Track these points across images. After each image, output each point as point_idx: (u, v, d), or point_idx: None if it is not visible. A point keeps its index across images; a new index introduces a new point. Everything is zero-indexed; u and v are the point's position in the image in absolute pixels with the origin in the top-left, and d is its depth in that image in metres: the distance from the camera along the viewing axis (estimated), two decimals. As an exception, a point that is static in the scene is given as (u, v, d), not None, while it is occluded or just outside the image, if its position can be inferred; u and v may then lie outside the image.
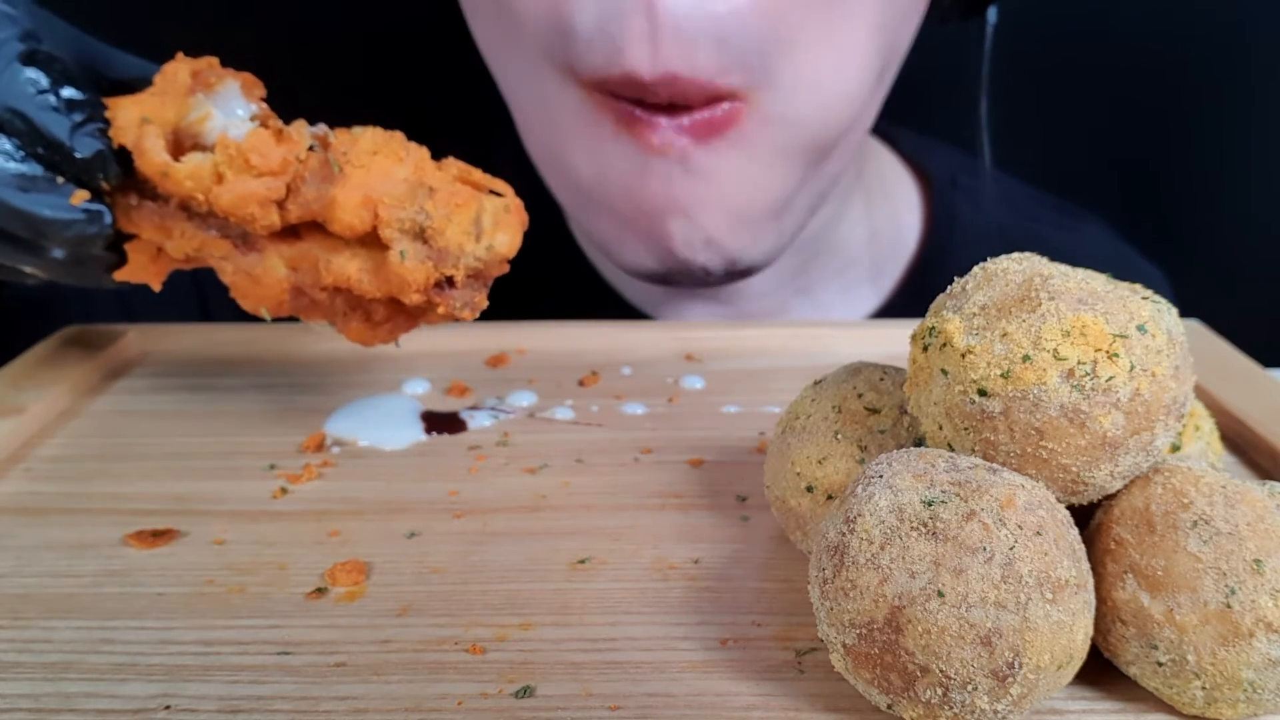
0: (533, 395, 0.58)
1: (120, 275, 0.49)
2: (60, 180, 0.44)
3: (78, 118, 0.44)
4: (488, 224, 0.46)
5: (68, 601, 0.40)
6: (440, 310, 0.46)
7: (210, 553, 0.43)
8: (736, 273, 0.66)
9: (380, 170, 0.45)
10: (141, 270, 0.49)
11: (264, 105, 0.47)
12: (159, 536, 0.44)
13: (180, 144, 0.45)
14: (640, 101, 0.58)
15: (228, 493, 0.48)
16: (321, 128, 0.47)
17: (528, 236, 0.49)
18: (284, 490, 0.48)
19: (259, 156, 0.44)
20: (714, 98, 0.57)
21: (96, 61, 0.48)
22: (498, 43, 0.64)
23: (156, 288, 0.50)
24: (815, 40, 0.57)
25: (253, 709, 0.34)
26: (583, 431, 0.54)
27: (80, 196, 0.45)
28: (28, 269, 0.47)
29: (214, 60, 0.47)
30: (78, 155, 0.44)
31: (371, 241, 0.46)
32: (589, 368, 0.61)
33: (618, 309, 0.77)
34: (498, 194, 0.48)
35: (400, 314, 0.48)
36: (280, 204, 0.45)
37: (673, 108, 0.58)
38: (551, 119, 0.63)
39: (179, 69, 0.46)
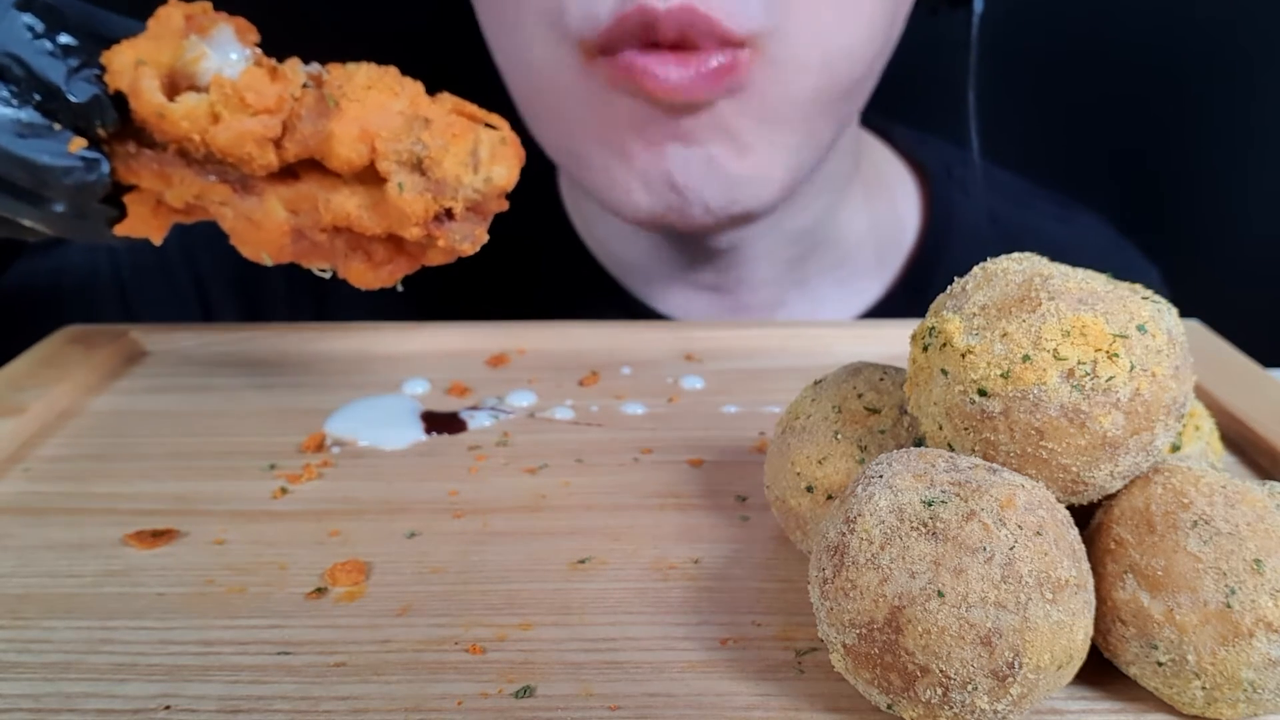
0: (533, 395, 0.58)
1: (121, 229, 0.49)
2: (58, 128, 0.44)
3: (74, 63, 0.44)
4: (485, 155, 0.46)
5: (68, 601, 0.40)
6: (440, 244, 0.46)
7: (210, 553, 0.43)
8: (736, 215, 0.65)
9: (376, 104, 0.45)
10: (142, 224, 0.49)
11: (258, 50, 0.47)
12: (159, 536, 0.44)
13: (175, 86, 0.45)
14: (649, 46, 0.59)
15: (228, 493, 0.48)
16: (315, 66, 0.47)
17: (524, 226, 0.49)
18: (284, 490, 0.48)
19: (254, 95, 0.44)
20: (724, 42, 0.58)
21: (93, 20, 0.48)
22: (501, 14, 0.65)
23: (157, 241, 0.50)
24: None
25: (253, 709, 0.34)
26: (583, 431, 0.54)
27: (78, 144, 0.45)
28: (27, 222, 0.47)
29: (207, 4, 0.47)
30: (73, 99, 0.44)
31: (370, 178, 0.46)
32: (589, 368, 0.61)
33: (615, 296, 0.77)
34: (493, 127, 0.48)
35: (401, 254, 0.48)
36: (277, 142, 0.45)
37: (682, 50, 0.59)
38: (549, 85, 0.64)
39: (172, 12, 0.46)
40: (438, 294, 0.60)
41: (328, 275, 0.50)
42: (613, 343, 0.64)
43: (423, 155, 0.45)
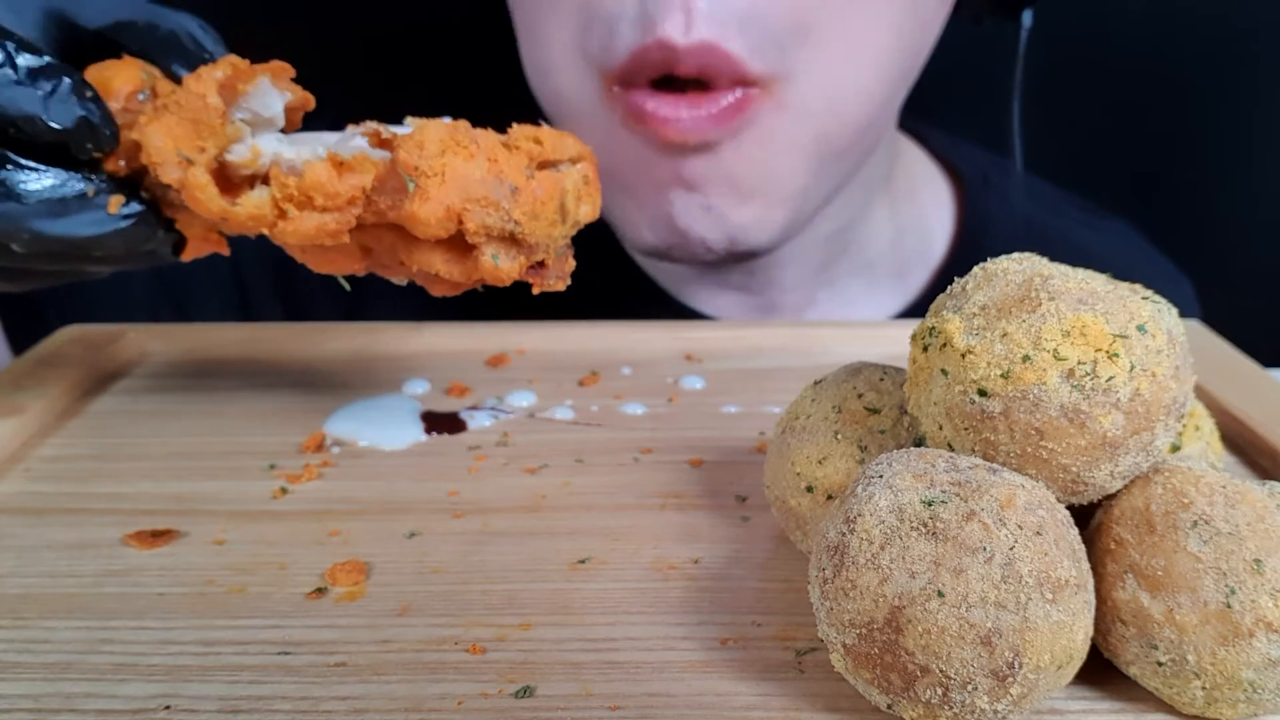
0: (533, 395, 0.58)
1: (187, 255, 0.47)
2: (91, 193, 0.41)
3: (46, 86, 0.40)
4: (571, 204, 0.45)
5: (68, 601, 0.40)
6: (534, 289, 0.46)
7: (210, 553, 0.43)
8: (738, 253, 0.66)
9: (455, 174, 0.42)
10: (204, 244, 0.47)
11: (296, 88, 0.45)
12: (159, 536, 0.44)
13: (225, 171, 0.43)
14: (665, 84, 0.59)
15: (228, 493, 0.48)
16: (373, 127, 0.43)
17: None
18: (284, 490, 0.48)
19: (323, 196, 0.42)
20: (739, 81, 0.59)
21: (66, 10, 0.44)
22: (534, 32, 0.66)
23: (226, 253, 0.48)
24: (837, 35, 0.60)
25: (253, 709, 0.34)
26: (583, 431, 0.54)
27: (116, 203, 0.42)
28: (91, 269, 0.45)
29: (235, 60, 0.44)
30: (56, 126, 0.40)
31: (454, 236, 0.43)
32: (589, 368, 0.61)
33: (653, 295, 0.78)
34: (573, 161, 0.46)
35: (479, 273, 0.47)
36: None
37: (698, 89, 0.59)
38: (571, 112, 0.65)
39: (205, 90, 0.42)
40: (474, 293, 0.60)
41: (404, 284, 0.48)
42: (613, 343, 0.64)
43: (515, 231, 0.43)
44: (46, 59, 0.40)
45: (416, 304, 0.73)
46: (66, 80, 0.41)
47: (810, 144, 0.63)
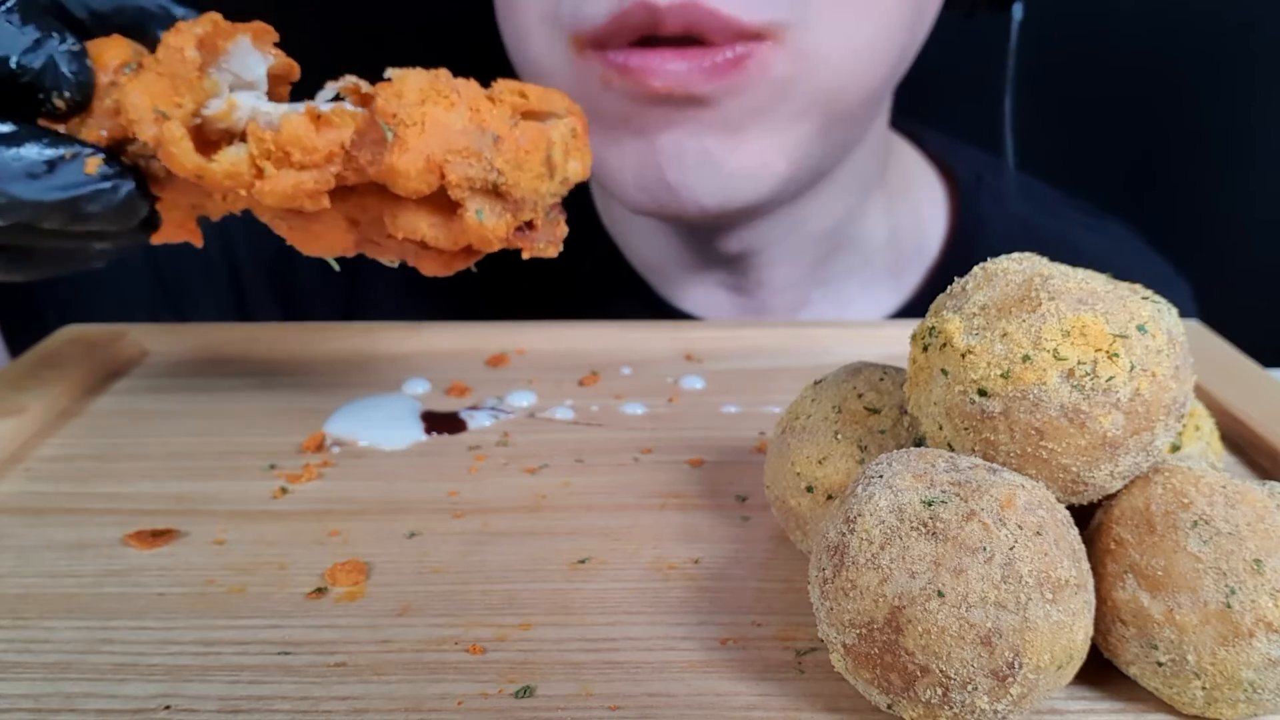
0: (533, 395, 0.58)
1: (158, 238, 0.46)
2: (69, 155, 0.40)
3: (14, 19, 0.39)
4: (558, 157, 0.43)
5: (68, 601, 0.40)
6: (524, 253, 0.44)
7: (210, 553, 0.43)
8: (732, 211, 0.63)
9: (436, 124, 0.41)
10: (180, 229, 0.46)
11: (280, 53, 0.44)
12: (159, 536, 0.44)
13: (203, 131, 0.42)
14: (650, 42, 0.56)
15: (228, 493, 0.48)
16: (351, 79, 0.42)
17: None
18: (284, 490, 0.48)
19: (300, 151, 0.40)
20: (739, 34, 0.56)
21: None
22: (508, 3, 0.64)
23: (199, 243, 0.47)
24: None
25: (253, 709, 0.34)
26: (583, 431, 0.54)
27: (94, 163, 0.41)
28: (79, 246, 0.44)
29: (216, 17, 0.42)
30: (16, 63, 0.39)
31: (439, 196, 0.42)
32: (589, 368, 0.61)
33: (643, 295, 0.77)
34: (558, 114, 0.44)
35: (473, 251, 0.46)
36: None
37: (688, 45, 0.56)
38: (546, 79, 0.62)
39: (183, 42, 0.41)
40: (468, 289, 0.58)
41: (395, 265, 0.47)
42: (613, 343, 0.64)
43: (498, 181, 0.42)
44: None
45: (416, 304, 0.74)
46: (32, 21, 0.40)
47: (822, 97, 0.60)
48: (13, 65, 0.40)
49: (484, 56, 0.73)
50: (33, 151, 0.40)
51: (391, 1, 0.85)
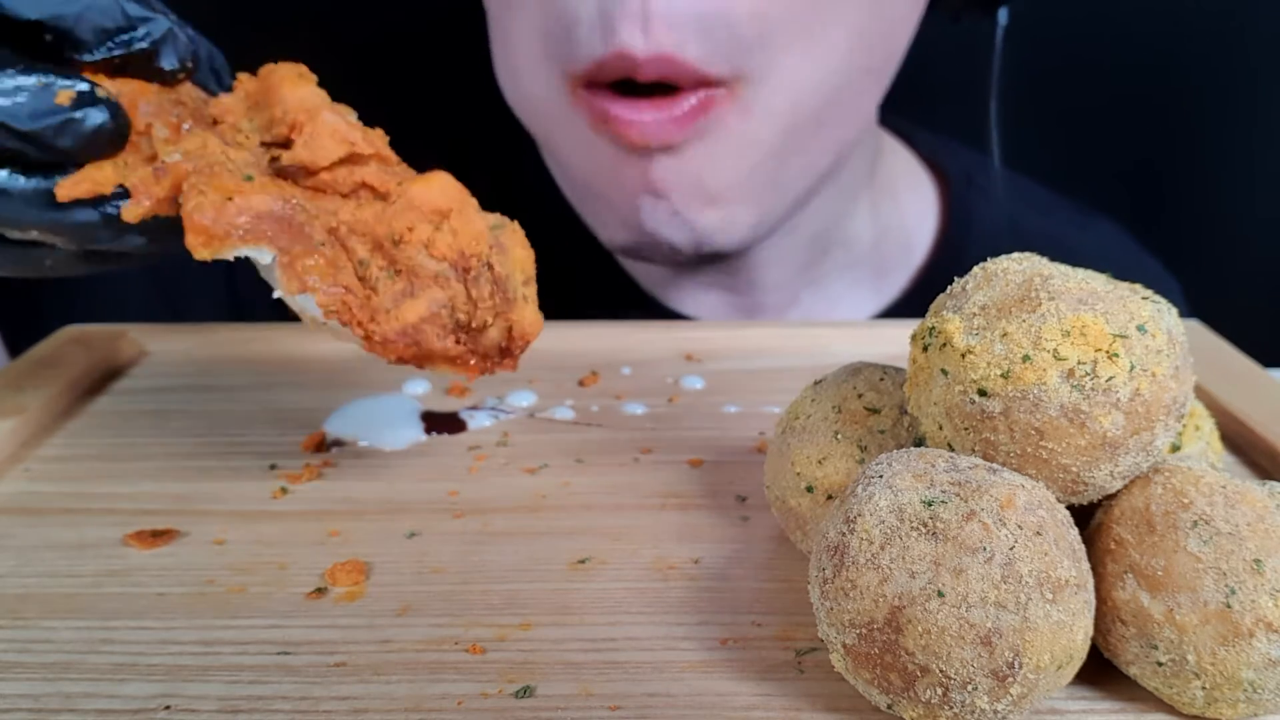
0: (533, 395, 0.58)
1: (129, 214, 0.42)
2: (41, 83, 0.38)
3: None
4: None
5: (68, 601, 0.40)
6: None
7: (210, 553, 0.43)
8: (706, 255, 0.68)
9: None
10: (153, 204, 0.43)
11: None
12: (159, 536, 0.44)
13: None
14: (627, 89, 0.61)
15: (228, 493, 0.48)
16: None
17: (542, 222, 0.49)
18: (284, 490, 0.48)
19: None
20: (702, 82, 0.60)
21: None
22: (503, 35, 0.67)
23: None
24: (795, 38, 0.61)
25: (253, 709, 0.34)
26: (583, 431, 0.54)
27: (67, 95, 0.39)
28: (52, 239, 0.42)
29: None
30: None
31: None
32: (589, 368, 0.61)
33: (632, 295, 0.78)
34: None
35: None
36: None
37: (661, 92, 0.60)
38: (541, 115, 0.67)
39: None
40: None
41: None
42: (613, 343, 0.64)
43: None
44: None
45: None
46: None
47: (774, 142, 0.64)
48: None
49: (467, 70, 0.74)
50: (12, 80, 0.38)
51: (384, 37, 0.85)
